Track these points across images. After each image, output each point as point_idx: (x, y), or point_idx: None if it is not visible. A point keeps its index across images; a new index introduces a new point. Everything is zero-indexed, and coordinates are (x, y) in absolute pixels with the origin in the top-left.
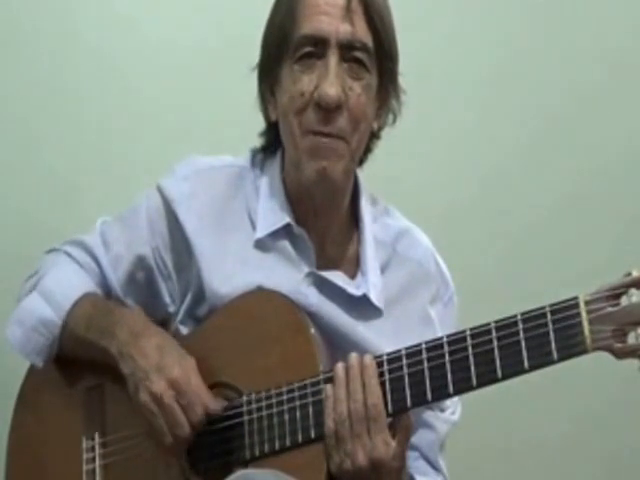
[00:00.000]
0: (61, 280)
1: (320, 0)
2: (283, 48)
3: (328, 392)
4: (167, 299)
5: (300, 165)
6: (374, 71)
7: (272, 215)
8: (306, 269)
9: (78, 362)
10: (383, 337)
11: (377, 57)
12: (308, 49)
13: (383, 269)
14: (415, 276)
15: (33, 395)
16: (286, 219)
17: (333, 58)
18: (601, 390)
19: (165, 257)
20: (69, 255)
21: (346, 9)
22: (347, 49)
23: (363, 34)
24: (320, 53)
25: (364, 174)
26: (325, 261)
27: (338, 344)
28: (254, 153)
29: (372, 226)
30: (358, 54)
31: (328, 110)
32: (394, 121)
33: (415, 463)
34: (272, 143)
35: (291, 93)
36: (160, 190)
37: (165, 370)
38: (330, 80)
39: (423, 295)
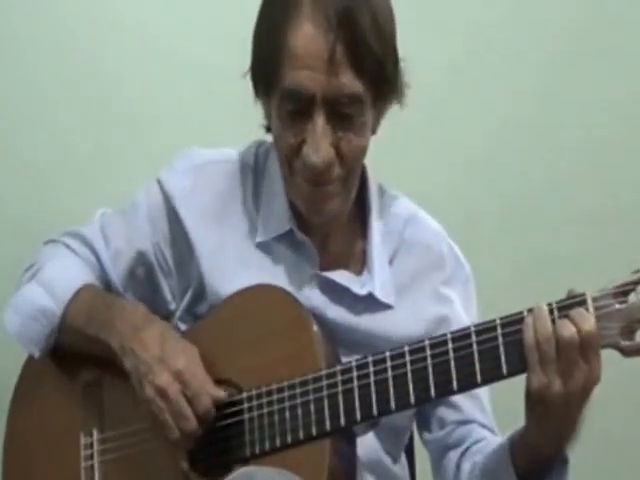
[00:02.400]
0: (60, 271)
1: (303, 51)
2: (270, 82)
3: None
4: (168, 296)
5: (296, 199)
6: (370, 109)
7: (274, 220)
8: (309, 271)
9: (76, 357)
10: (397, 327)
11: (372, 92)
12: (292, 107)
13: (391, 259)
14: (425, 260)
15: (30, 390)
16: (288, 226)
17: (319, 119)
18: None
19: (166, 253)
20: (68, 247)
21: (329, 62)
22: (334, 104)
23: (350, 84)
24: (306, 110)
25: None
26: (329, 260)
27: (348, 343)
28: (256, 147)
29: (380, 219)
30: (346, 108)
31: (316, 172)
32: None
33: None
34: None
35: (279, 138)
36: (160, 185)
37: (168, 361)
38: (316, 145)
39: (435, 278)
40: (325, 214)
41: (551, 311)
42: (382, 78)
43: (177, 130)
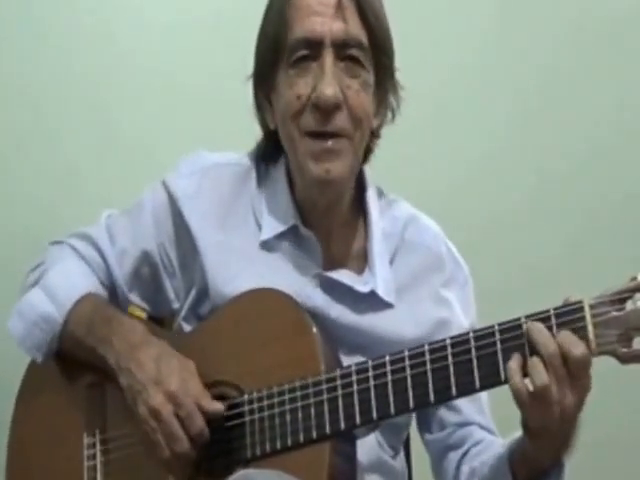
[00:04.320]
0: (65, 276)
1: (311, 0)
2: (278, 54)
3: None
4: (171, 295)
5: (303, 168)
6: (371, 68)
7: (278, 217)
8: (313, 271)
9: (79, 359)
10: (398, 326)
11: (373, 53)
12: (302, 52)
13: (392, 259)
14: (425, 261)
15: (34, 391)
16: (292, 221)
17: (328, 58)
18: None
19: (170, 253)
20: (74, 248)
21: (337, 7)
22: (341, 47)
23: (357, 31)
24: (315, 55)
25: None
26: (331, 259)
27: (350, 342)
28: (259, 151)
29: (380, 220)
30: (353, 52)
31: (326, 110)
32: (393, 118)
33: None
34: (272, 152)
35: (288, 97)
36: (165, 186)
37: (163, 383)
38: (327, 80)
39: (434, 279)
40: (332, 173)
41: (548, 318)
42: (380, 42)
43: (176, 135)
